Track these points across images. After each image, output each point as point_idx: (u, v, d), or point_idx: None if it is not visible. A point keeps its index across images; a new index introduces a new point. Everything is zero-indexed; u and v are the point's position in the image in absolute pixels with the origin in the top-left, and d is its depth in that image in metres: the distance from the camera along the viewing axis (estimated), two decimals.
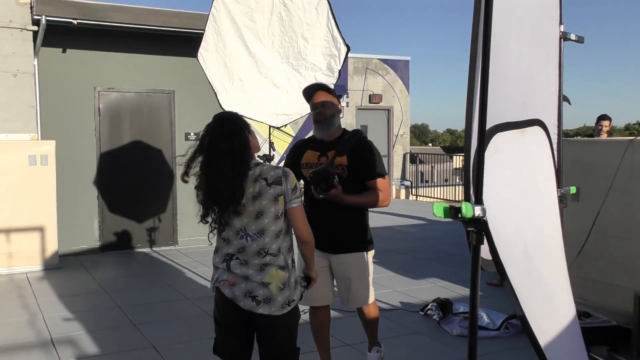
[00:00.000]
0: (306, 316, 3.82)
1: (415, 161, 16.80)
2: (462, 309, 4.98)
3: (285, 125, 6.04)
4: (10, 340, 4.66)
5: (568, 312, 2.25)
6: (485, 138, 1.69)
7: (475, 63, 1.65)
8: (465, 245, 1.83)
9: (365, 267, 3.58)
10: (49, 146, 7.18)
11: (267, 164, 2.83)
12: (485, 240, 1.72)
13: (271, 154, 5.61)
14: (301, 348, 2.86)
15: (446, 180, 17.08)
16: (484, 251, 1.77)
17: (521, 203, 2.04)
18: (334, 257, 3.57)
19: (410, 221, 10.85)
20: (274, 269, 2.67)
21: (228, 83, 5.74)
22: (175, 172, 8.46)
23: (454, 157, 19.08)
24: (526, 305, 1.75)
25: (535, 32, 2.29)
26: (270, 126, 5.83)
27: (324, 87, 3.65)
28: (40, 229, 7.10)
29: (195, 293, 6.01)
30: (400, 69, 15.87)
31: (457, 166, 18.29)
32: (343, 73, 5.79)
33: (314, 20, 5.48)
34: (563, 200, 2.89)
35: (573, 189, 2.94)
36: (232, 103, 5.46)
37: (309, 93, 3.63)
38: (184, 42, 7.84)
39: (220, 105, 5.49)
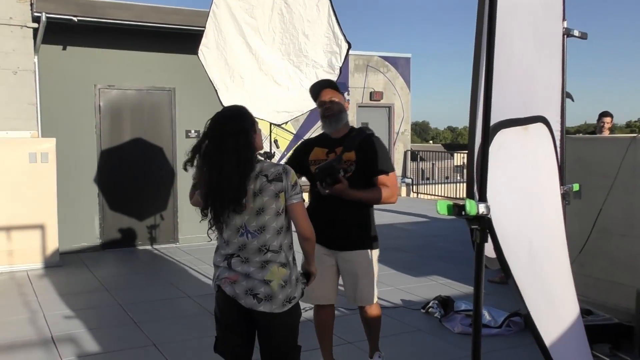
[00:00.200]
0: (307, 314, 3.81)
1: (416, 159, 16.78)
2: (464, 306, 4.97)
3: (286, 123, 6.03)
4: (11, 339, 4.65)
5: (572, 311, 2.24)
6: (489, 134, 1.67)
7: (480, 58, 1.63)
8: (466, 243, 1.82)
9: (371, 265, 3.57)
10: (50, 144, 7.17)
11: (268, 161, 2.82)
12: (489, 238, 1.70)
13: (272, 152, 5.60)
14: (302, 346, 2.85)
15: (447, 178, 17.07)
16: (487, 249, 1.76)
17: (525, 200, 2.03)
18: (341, 254, 3.56)
19: (411, 218, 10.83)
20: (275, 267, 2.66)
21: (229, 80, 5.72)
22: (176, 170, 8.46)
23: (455, 155, 19.08)
24: (531, 303, 1.73)
25: (539, 28, 2.27)
26: (270, 123, 5.81)
27: (331, 84, 3.65)
28: (40, 227, 7.10)
29: (196, 291, 6.00)
30: (401, 66, 15.83)
31: (458, 163, 18.29)
32: (344, 70, 5.77)
33: (315, 16, 5.46)
34: (566, 197, 2.87)
35: (576, 187, 2.92)
36: (233, 100, 5.43)
37: (315, 90, 3.63)
38: (185, 40, 7.82)
39: (220, 102, 5.48)
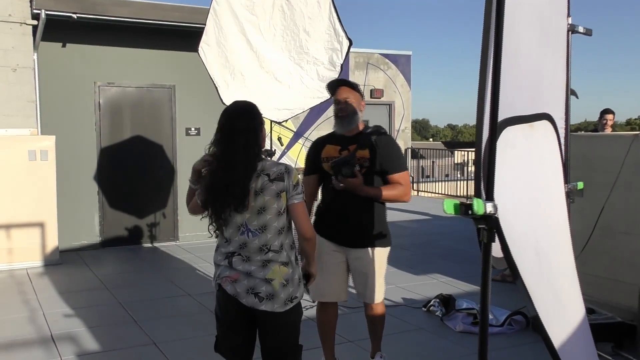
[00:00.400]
0: (308, 312, 3.79)
1: (417, 156, 16.75)
2: (465, 305, 4.95)
3: (287, 120, 6.00)
4: (11, 337, 4.63)
5: (578, 310, 2.22)
6: (496, 131, 1.64)
7: (487, 55, 1.61)
8: (467, 241, 1.79)
9: (382, 263, 3.57)
10: (49, 141, 7.15)
11: (269, 159, 2.80)
12: (496, 238, 1.67)
13: (273, 150, 5.57)
14: (304, 345, 2.83)
15: (447, 176, 17.04)
16: (493, 249, 1.73)
17: (531, 199, 2.00)
18: (352, 252, 3.54)
19: (412, 216, 10.80)
20: (277, 265, 2.64)
21: (229, 77, 5.69)
22: (176, 167, 8.44)
23: (455, 152, 19.07)
24: (539, 304, 1.71)
25: (544, 25, 2.25)
26: (271, 121, 5.79)
27: (349, 83, 3.61)
28: (40, 225, 7.07)
29: (197, 289, 5.98)
30: (402, 63, 15.78)
31: (458, 161, 18.28)
32: (344, 68, 5.74)
33: (316, 13, 5.44)
34: (570, 195, 2.85)
35: (580, 185, 2.90)
36: (234, 98, 5.38)
37: (333, 87, 3.60)
38: (185, 37, 7.80)
39: (221, 100, 5.45)
